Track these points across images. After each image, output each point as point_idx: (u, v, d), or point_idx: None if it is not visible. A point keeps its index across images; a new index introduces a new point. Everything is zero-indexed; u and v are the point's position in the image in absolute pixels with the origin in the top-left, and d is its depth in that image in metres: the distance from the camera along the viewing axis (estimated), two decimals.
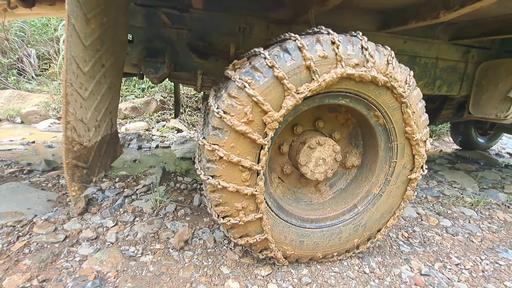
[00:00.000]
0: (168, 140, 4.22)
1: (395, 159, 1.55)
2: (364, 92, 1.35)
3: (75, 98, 1.13)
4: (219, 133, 1.22)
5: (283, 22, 2.02)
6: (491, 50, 2.56)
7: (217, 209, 1.38)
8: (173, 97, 3.68)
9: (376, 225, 1.68)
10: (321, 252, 1.61)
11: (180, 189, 2.56)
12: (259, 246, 1.48)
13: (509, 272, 1.79)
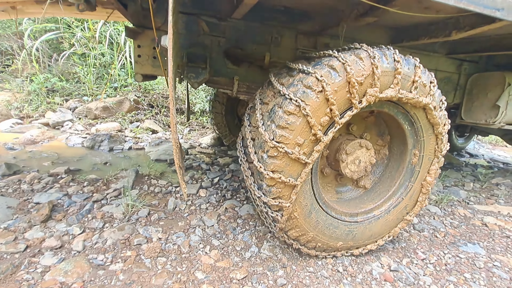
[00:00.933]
0: (142, 141, 4.07)
1: (423, 152, 1.76)
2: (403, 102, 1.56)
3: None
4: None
5: (309, 34, 2.17)
6: (479, 64, 2.88)
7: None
8: (186, 101, 3.66)
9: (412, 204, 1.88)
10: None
11: (154, 193, 2.48)
12: None
13: (468, 264, 1.92)
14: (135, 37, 1.97)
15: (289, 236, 1.62)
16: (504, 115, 2.57)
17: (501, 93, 2.55)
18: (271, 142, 1.36)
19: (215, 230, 1.98)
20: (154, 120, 4.94)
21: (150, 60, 2.03)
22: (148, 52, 2.02)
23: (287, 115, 1.34)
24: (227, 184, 2.75)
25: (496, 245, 2.19)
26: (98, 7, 2.56)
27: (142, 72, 2.06)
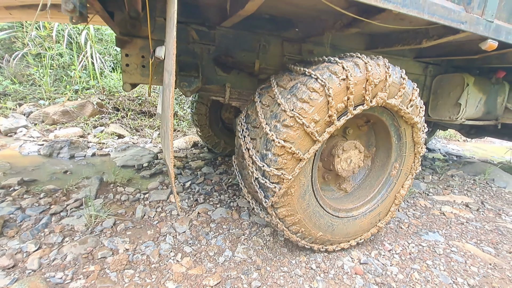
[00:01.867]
0: (107, 147, 3.84)
1: (402, 167, 1.99)
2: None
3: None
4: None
5: (294, 41, 2.27)
6: (441, 66, 3.15)
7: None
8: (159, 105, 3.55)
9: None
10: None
11: (121, 201, 2.34)
12: None
13: (430, 252, 2.06)
14: (123, 46, 1.91)
15: (277, 214, 1.61)
16: (464, 112, 2.85)
17: (462, 93, 2.81)
18: (290, 112, 1.44)
19: (187, 236, 1.92)
20: (120, 124, 4.69)
21: (138, 69, 1.99)
22: (136, 61, 1.97)
23: (311, 91, 1.45)
24: (200, 188, 2.69)
25: (452, 232, 2.37)
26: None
27: (130, 81, 2.01)
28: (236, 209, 2.35)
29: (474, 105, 2.93)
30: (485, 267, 1.94)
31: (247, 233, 2.02)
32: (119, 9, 1.81)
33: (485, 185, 3.63)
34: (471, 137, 4.65)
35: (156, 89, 5.63)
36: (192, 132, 4.90)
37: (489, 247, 2.19)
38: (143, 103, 5.30)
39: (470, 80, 2.83)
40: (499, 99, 3.13)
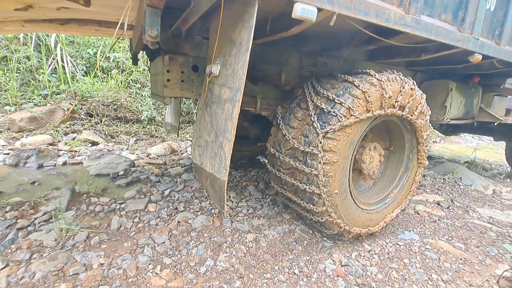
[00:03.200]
0: (79, 155, 3.65)
1: (416, 146, 2.35)
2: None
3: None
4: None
5: (311, 54, 2.50)
6: (427, 73, 3.54)
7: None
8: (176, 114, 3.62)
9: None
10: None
11: (95, 212, 2.23)
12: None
13: (406, 250, 2.14)
14: (165, 62, 2.07)
15: (324, 167, 1.81)
16: (449, 113, 3.23)
17: (446, 96, 3.17)
18: (346, 105, 1.77)
19: (166, 247, 1.85)
20: (94, 130, 4.48)
21: (178, 83, 2.14)
22: (176, 76, 2.12)
23: (370, 85, 1.84)
24: (179, 195, 2.62)
25: (426, 230, 2.48)
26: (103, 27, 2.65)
27: (171, 95, 2.15)
28: (218, 216, 2.31)
29: (457, 106, 3.33)
30: (457, 262, 2.04)
31: (229, 241, 1.99)
32: (163, 28, 1.85)
33: (453, 184, 3.85)
34: (448, 134, 5.16)
35: (126, 92, 5.46)
36: (171, 138, 4.78)
37: (459, 243, 2.31)
38: (119, 108, 5.11)
39: (453, 85, 3.20)
40: (475, 100, 3.55)
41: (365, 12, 1.54)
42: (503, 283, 1.87)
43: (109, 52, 5.77)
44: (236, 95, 1.41)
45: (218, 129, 1.62)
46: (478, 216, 2.90)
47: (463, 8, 2.12)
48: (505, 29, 2.44)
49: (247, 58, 1.37)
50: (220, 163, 1.54)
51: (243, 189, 2.92)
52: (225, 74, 1.58)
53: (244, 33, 1.40)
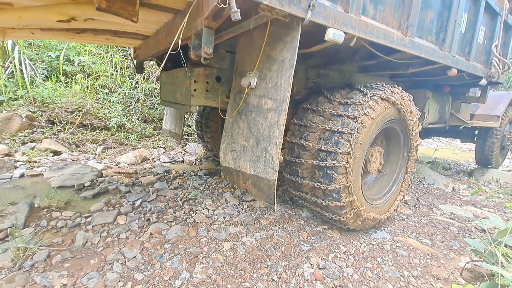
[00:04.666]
0: (39, 166, 3.36)
1: (410, 143, 2.66)
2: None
3: None
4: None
5: (315, 67, 2.71)
6: (406, 84, 3.88)
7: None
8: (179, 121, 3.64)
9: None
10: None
11: (56, 228, 2.05)
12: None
13: (379, 249, 2.21)
14: (193, 73, 2.21)
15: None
16: (427, 118, 3.60)
17: (425, 104, 3.53)
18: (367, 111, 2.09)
19: (137, 261, 1.75)
20: (56, 139, 4.16)
21: (203, 93, 2.29)
22: (202, 87, 2.27)
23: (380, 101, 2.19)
24: (152, 205, 2.50)
25: (396, 228, 2.60)
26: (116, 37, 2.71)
27: (196, 103, 2.28)
28: (193, 225, 2.24)
29: (433, 112, 3.74)
30: (425, 258, 2.15)
31: (206, 251, 1.92)
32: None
33: (418, 183, 4.10)
34: (422, 138, 5.66)
35: (93, 98, 5.17)
36: (142, 146, 4.58)
37: (426, 239, 2.44)
38: (84, 115, 4.81)
39: (430, 94, 3.62)
40: (446, 107, 4.02)
41: (376, 35, 1.91)
42: (466, 274, 2.00)
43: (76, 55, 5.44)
44: (282, 106, 1.65)
45: (260, 135, 1.80)
46: (441, 212, 3.10)
47: (443, 31, 2.56)
48: (472, 48, 2.98)
49: (291, 74, 1.60)
50: (266, 165, 1.75)
51: (219, 196, 2.87)
52: (264, 86, 1.79)
53: (286, 52, 1.64)
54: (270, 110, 1.73)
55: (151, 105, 5.71)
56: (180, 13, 1.91)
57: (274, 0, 1.35)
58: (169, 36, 2.09)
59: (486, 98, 3.95)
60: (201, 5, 1.54)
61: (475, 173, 5.07)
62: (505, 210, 3.32)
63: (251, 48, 1.95)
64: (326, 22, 1.59)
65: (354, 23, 1.75)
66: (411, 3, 2.12)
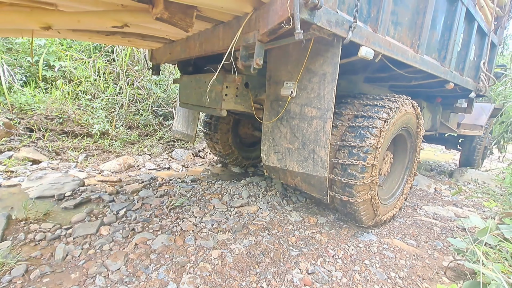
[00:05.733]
0: (17, 175, 3.20)
1: (414, 148, 2.89)
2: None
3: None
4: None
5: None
6: (403, 93, 4.51)
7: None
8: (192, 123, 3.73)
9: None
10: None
11: (35, 241, 1.95)
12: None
13: (366, 252, 2.24)
14: (226, 79, 2.38)
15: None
16: (423, 126, 4.05)
17: (421, 113, 3.87)
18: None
19: (122, 274, 1.68)
20: (35, 147, 3.99)
21: (233, 98, 2.45)
22: (232, 92, 2.44)
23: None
24: (137, 215, 2.43)
25: (382, 230, 2.64)
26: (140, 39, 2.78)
27: (227, 108, 2.44)
28: (180, 233, 2.19)
29: (427, 121, 4.05)
30: (410, 258, 2.20)
31: (193, 260, 1.88)
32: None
33: None
34: None
35: (75, 104, 5.02)
36: (126, 153, 4.47)
37: (411, 240, 2.50)
38: (65, 122, 4.65)
39: (425, 104, 3.90)
40: (437, 116, 4.38)
41: (396, 53, 2.17)
42: (450, 273, 2.05)
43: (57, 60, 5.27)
44: (327, 114, 1.87)
45: (306, 139, 2.03)
46: (425, 213, 3.19)
47: (444, 49, 2.89)
48: (466, 64, 3.35)
49: (334, 86, 1.82)
50: (316, 164, 1.99)
51: (207, 203, 2.83)
52: (306, 96, 1.99)
53: (328, 66, 1.85)
54: (315, 118, 1.95)
55: (135, 111, 5.60)
56: (223, 24, 2.04)
57: (325, 22, 1.55)
58: (205, 44, 2.25)
59: (472, 109, 4.28)
60: (256, 21, 1.68)
61: (455, 173, 5.26)
62: (484, 209, 3.45)
63: (286, 59, 2.12)
64: (360, 41, 1.81)
65: (381, 42, 1.99)
66: (423, 24, 2.41)
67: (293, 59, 2.06)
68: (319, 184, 2.06)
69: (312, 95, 1.96)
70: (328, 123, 1.88)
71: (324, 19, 1.53)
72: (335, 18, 1.60)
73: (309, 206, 3.04)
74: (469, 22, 3.13)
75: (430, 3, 2.39)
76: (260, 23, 1.63)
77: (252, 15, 1.70)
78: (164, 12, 1.52)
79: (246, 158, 4.20)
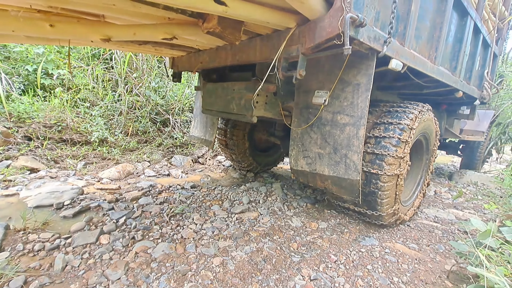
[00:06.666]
0: (15, 184, 3.18)
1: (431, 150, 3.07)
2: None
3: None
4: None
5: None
6: (410, 99, 4.61)
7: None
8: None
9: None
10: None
11: (34, 252, 1.92)
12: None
13: (368, 256, 2.23)
14: (255, 87, 2.45)
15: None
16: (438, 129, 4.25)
17: None
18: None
19: (122, 283, 1.66)
20: (33, 155, 3.97)
21: (263, 105, 2.58)
22: (262, 99, 2.57)
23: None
24: (137, 222, 2.41)
25: (384, 234, 2.63)
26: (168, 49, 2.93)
27: (258, 114, 2.57)
28: (181, 241, 2.17)
29: None
30: (413, 262, 2.18)
31: (195, 268, 1.86)
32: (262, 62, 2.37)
33: None
34: None
35: (74, 112, 5.02)
36: (125, 160, 4.45)
37: (413, 244, 2.49)
38: (64, 129, 4.64)
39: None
40: (443, 122, 4.53)
41: (418, 64, 2.34)
42: (452, 277, 2.04)
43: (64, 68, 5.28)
44: (360, 121, 2.02)
45: (338, 144, 2.16)
46: (426, 216, 3.18)
47: (455, 60, 3.10)
48: (472, 74, 3.59)
49: (368, 96, 1.97)
50: (348, 168, 2.12)
51: (207, 210, 2.81)
52: (338, 104, 2.13)
53: (362, 77, 2.00)
54: (348, 125, 2.09)
55: (134, 118, 5.59)
56: (260, 37, 2.18)
57: (365, 37, 1.69)
58: (239, 54, 2.40)
59: (475, 115, 4.49)
60: (300, 36, 1.81)
61: (455, 175, 5.27)
62: (484, 211, 3.45)
63: (317, 70, 2.26)
64: (391, 54, 1.96)
65: (407, 55, 2.17)
66: (439, 38, 2.60)
67: (325, 70, 2.22)
68: (351, 186, 2.17)
69: (345, 103, 2.11)
70: (362, 129, 2.02)
71: (365, 35, 1.68)
72: (373, 34, 1.75)
73: (310, 211, 3.03)
74: (475, 34, 3.35)
75: (446, 19, 2.58)
76: (304, 37, 1.77)
77: (295, 30, 1.83)
78: (217, 27, 1.67)
79: (260, 163, 4.31)
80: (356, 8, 1.53)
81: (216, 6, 1.47)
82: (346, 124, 2.11)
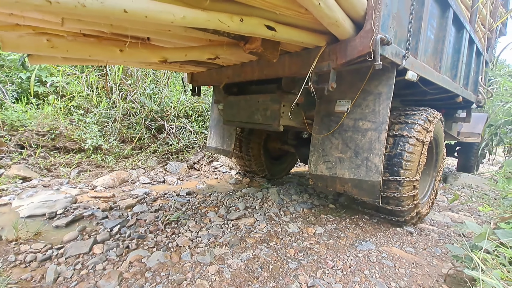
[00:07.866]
0: (7, 194, 3.12)
1: (440, 151, 3.22)
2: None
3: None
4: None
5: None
6: (411, 105, 4.72)
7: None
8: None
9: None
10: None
11: (25, 263, 1.88)
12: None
13: (365, 261, 2.22)
14: (284, 99, 2.72)
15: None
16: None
17: None
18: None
19: None
20: (26, 164, 3.91)
21: (288, 115, 2.77)
22: (287, 110, 2.75)
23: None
24: (131, 231, 2.37)
25: (381, 238, 2.63)
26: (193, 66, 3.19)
27: (283, 123, 2.75)
28: (176, 249, 2.14)
29: None
30: (410, 266, 2.18)
31: (190, 277, 1.84)
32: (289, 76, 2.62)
33: None
34: None
35: (66, 120, 4.97)
36: (120, 167, 4.41)
37: (410, 247, 2.49)
38: (57, 137, 4.59)
39: None
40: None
41: (427, 74, 2.60)
42: (449, 281, 2.04)
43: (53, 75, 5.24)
44: (382, 126, 2.23)
45: (359, 148, 2.34)
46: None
47: (455, 68, 3.41)
48: (469, 80, 3.94)
49: (389, 104, 2.22)
50: (369, 170, 2.28)
51: (203, 217, 2.78)
52: (360, 112, 2.36)
53: (383, 87, 2.26)
54: (369, 130, 2.29)
55: (129, 124, 5.56)
56: (289, 54, 2.39)
57: (389, 53, 1.95)
58: (266, 69, 2.60)
59: (471, 118, 4.76)
60: (330, 53, 2.06)
61: (449, 178, 5.31)
62: (479, 213, 3.48)
63: (339, 81, 2.38)
64: (408, 66, 2.20)
65: (419, 66, 2.42)
66: (442, 50, 2.92)
67: (347, 81, 2.46)
68: (372, 188, 2.31)
69: (367, 110, 2.32)
70: (383, 133, 2.21)
71: (389, 51, 1.95)
72: (395, 50, 2.02)
73: (307, 216, 3.02)
74: (470, 44, 3.69)
75: (447, 33, 2.90)
76: (335, 54, 2.03)
77: (326, 48, 2.09)
78: (260, 47, 1.87)
79: (273, 171, 4.50)
80: (383, 29, 1.81)
81: (267, 31, 1.71)
82: (368, 129, 2.30)
